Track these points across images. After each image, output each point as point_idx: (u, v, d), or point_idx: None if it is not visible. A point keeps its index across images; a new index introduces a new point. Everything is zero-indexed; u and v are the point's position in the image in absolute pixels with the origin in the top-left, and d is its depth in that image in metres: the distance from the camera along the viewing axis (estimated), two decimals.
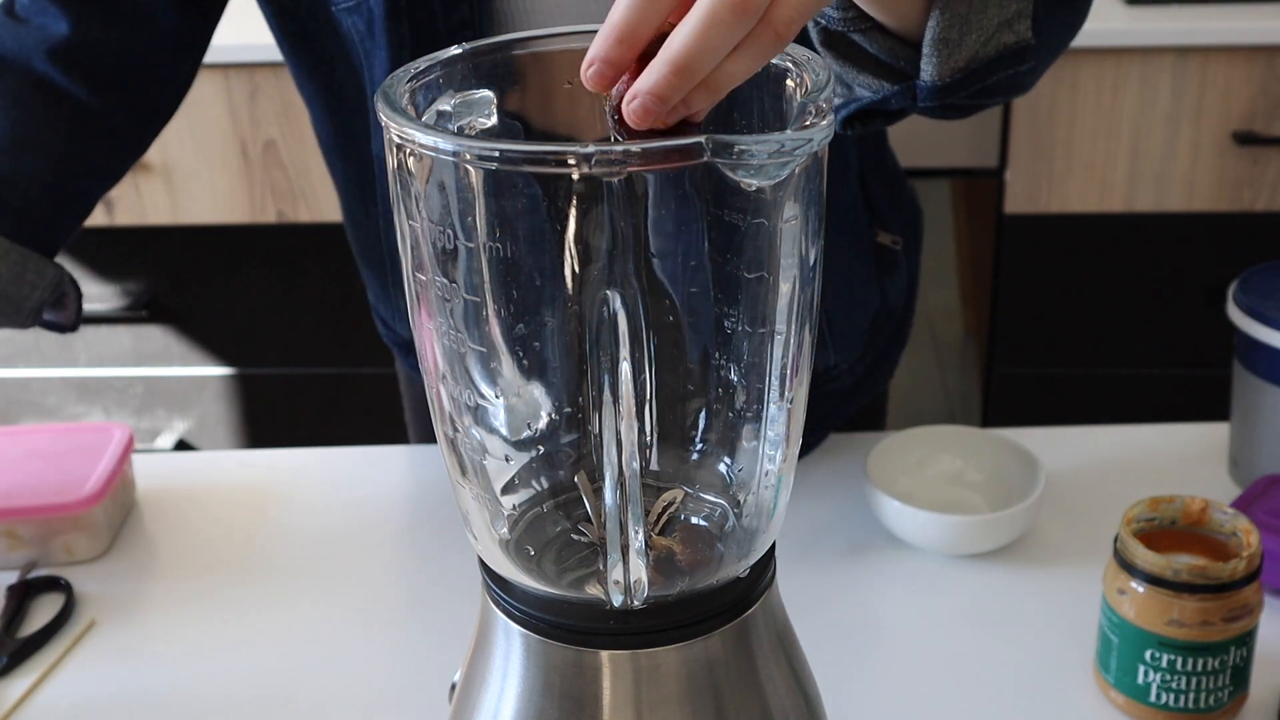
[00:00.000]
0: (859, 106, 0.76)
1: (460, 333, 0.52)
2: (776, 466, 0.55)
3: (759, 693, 0.55)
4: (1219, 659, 0.78)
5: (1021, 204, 1.98)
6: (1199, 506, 0.83)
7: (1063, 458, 1.06)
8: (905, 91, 0.73)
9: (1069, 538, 0.97)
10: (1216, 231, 1.98)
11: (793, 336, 0.52)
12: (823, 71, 0.50)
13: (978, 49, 0.70)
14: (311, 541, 1.02)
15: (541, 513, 0.58)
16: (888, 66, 0.73)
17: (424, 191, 0.49)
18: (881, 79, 0.73)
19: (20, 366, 2.25)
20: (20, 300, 0.93)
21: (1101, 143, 1.93)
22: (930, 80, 0.71)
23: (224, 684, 0.88)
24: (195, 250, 2.11)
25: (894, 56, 0.72)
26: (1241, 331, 0.99)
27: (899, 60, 0.72)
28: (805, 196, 0.49)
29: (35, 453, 1.05)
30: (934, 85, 0.71)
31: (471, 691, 0.57)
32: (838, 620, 0.91)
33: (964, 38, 0.70)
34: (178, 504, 1.07)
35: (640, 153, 0.45)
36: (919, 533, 0.95)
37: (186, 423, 2.28)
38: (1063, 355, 2.09)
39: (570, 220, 0.47)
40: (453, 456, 0.55)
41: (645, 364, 0.52)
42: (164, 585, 0.97)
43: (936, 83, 0.71)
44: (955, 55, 0.70)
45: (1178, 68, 1.88)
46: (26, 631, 0.92)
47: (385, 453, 1.14)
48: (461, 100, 0.55)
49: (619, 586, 0.52)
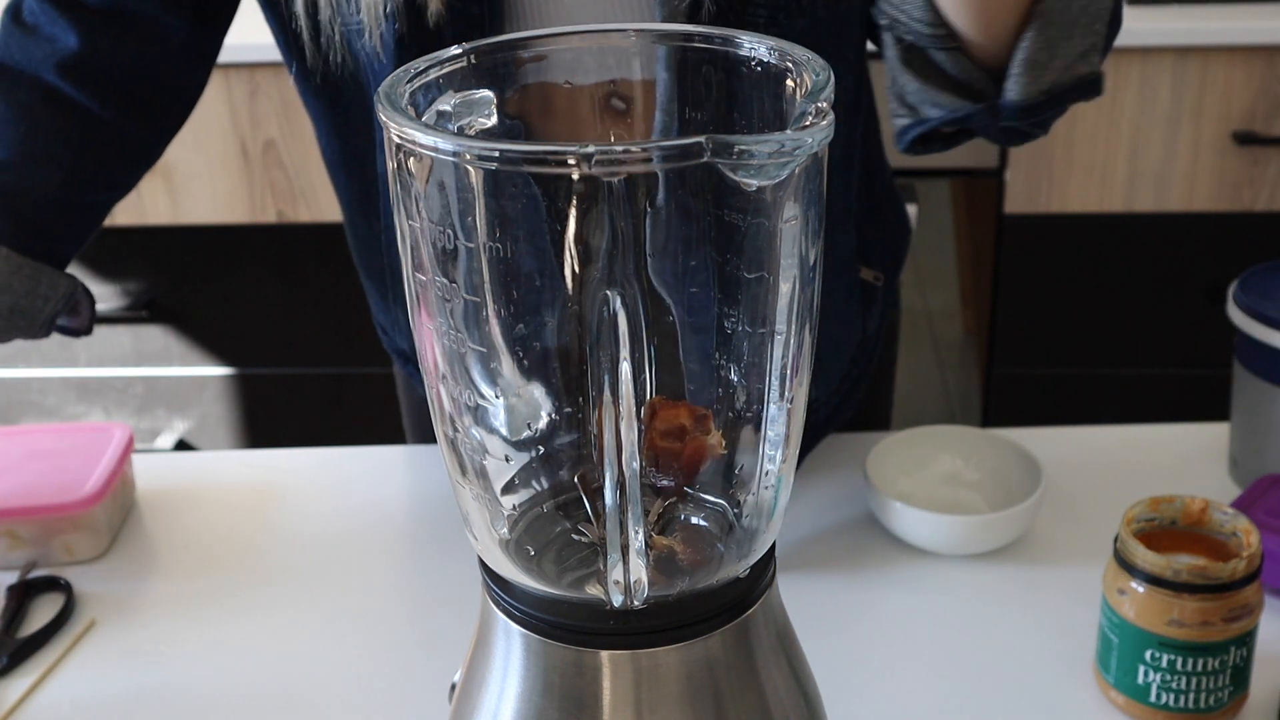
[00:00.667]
0: (931, 127, 0.78)
1: (460, 333, 0.52)
2: (776, 466, 0.55)
3: (759, 693, 0.55)
4: (1219, 659, 0.78)
5: (1021, 204, 1.98)
6: (1199, 506, 0.83)
7: (1063, 458, 1.06)
8: (989, 110, 0.75)
9: (1069, 538, 0.97)
10: (1216, 231, 1.98)
11: (793, 336, 0.52)
12: (823, 72, 0.50)
13: (1059, 75, 0.73)
14: (311, 541, 1.02)
15: (541, 513, 0.58)
16: (966, 87, 0.76)
17: (424, 191, 0.49)
18: (958, 98, 0.76)
19: (20, 366, 2.25)
20: (34, 313, 0.94)
21: (1101, 143, 1.93)
22: (1015, 100, 0.74)
23: (224, 684, 0.88)
24: (195, 250, 2.11)
25: (971, 78, 0.75)
26: (1241, 331, 0.99)
27: (976, 82, 0.75)
28: (805, 196, 0.49)
29: (35, 453, 1.05)
30: (1018, 105, 0.74)
31: (471, 691, 0.57)
32: (838, 620, 0.91)
33: (1051, 61, 0.73)
34: (178, 504, 1.07)
35: (640, 153, 0.45)
36: (919, 533, 0.95)
37: (186, 423, 2.28)
38: (1063, 355, 2.09)
39: (570, 220, 0.47)
40: (453, 456, 0.55)
41: (645, 364, 0.52)
42: (164, 585, 0.97)
43: (1022, 102, 0.74)
44: (1042, 78, 0.73)
45: (1178, 68, 1.88)
46: (26, 631, 0.92)
47: (385, 453, 1.14)
48: (461, 100, 0.55)
49: (619, 586, 0.52)
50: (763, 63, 0.54)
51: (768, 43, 0.54)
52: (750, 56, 0.54)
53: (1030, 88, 0.73)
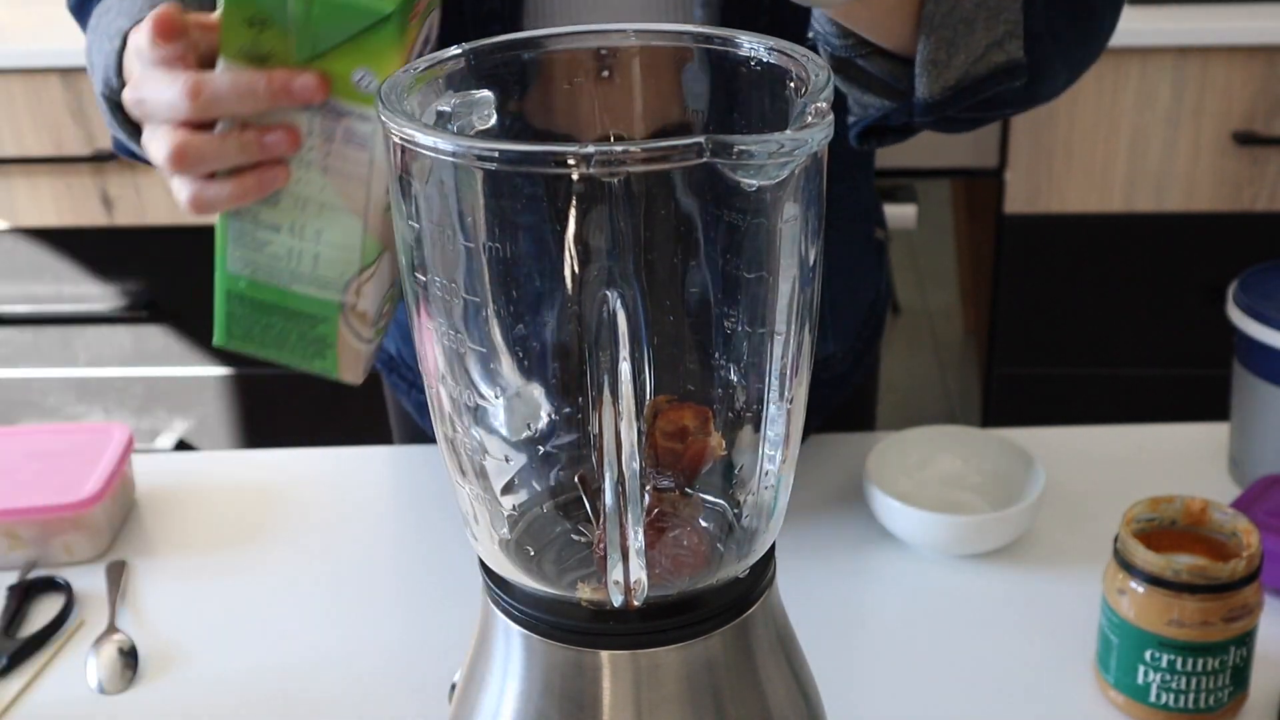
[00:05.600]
0: (868, 123, 0.83)
1: (460, 333, 0.52)
2: (776, 466, 0.55)
3: (759, 693, 0.55)
4: (1219, 659, 0.78)
5: (1021, 204, 1.98)
6: (1199, 506, 0.83)
7: (1063, 458, 1.06)
8: (903, 109, 0.80)
9: (1069, 538, 0.97)
10: (1216, 231, 1.98)
11: (792, 336, 0.52)
12: (822, 72, 0.50)
13: (967, 68, 0.77)
14: (311, 541, 1.02)
15: (541, 513, 0.58)
16: (891, 87, 0.80)
17: (424, 191, 0.49)
18: (885, 98, 0.80)
19: (20, 366, 2.25)
20: None
21: (1101, 143, 1.93)
22: (923, 97, 0.78)
23: (223, 684, 0.88)
24: (195, 250, 2.11)
25: (895, 78, 0.79)
26: (1241, 331, 0.99)
27: (900, 81, 0.79)
28: (805, 196, 0.49)
29: (35, 453, 1.05)
30: (926, 102, 0.78)
31: (471, 692, 0.57)
32: (838, 620, 0.91)
33: (952, 59, 0.76)
34: (178, 504, 1.07)
35: (640, 153, 0.45)
36: (919, 533, 0.95)
37: (186, 423, 2.28)
38: (1063, 355, 2.09)
39: (570, 220, 0.47)
40: (453, 456, 0.55)
41: (645, 364, 0.52)
42: (164, 585, 0.97)
43: (929, 99, 0.77)
44: (945, 74, 0.77)
45: (1178, 68, 1.88)
46: (26, 631, 0.92)
47: (385, 453, 1.14)
48: (461, 100, 0.55)
49: (619, 586, 0.52)
50: (763, 63, 0.54)
51: (768, 43, 0.54)
52: (750, 56, 0.54)
53: (934, 85, 0.77)
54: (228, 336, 0.78)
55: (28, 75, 2.00)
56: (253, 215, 0.74)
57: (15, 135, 2.05)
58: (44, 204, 2.09)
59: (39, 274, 2.16)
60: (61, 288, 2.17)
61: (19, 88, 2.01)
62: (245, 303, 0.76)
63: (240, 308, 0.76)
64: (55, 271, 2.15)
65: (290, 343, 0.77)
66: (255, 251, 0.75)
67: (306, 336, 0.76)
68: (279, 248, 0.74)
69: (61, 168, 2.06)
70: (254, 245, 0.75)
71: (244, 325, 0.77)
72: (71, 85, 2.01)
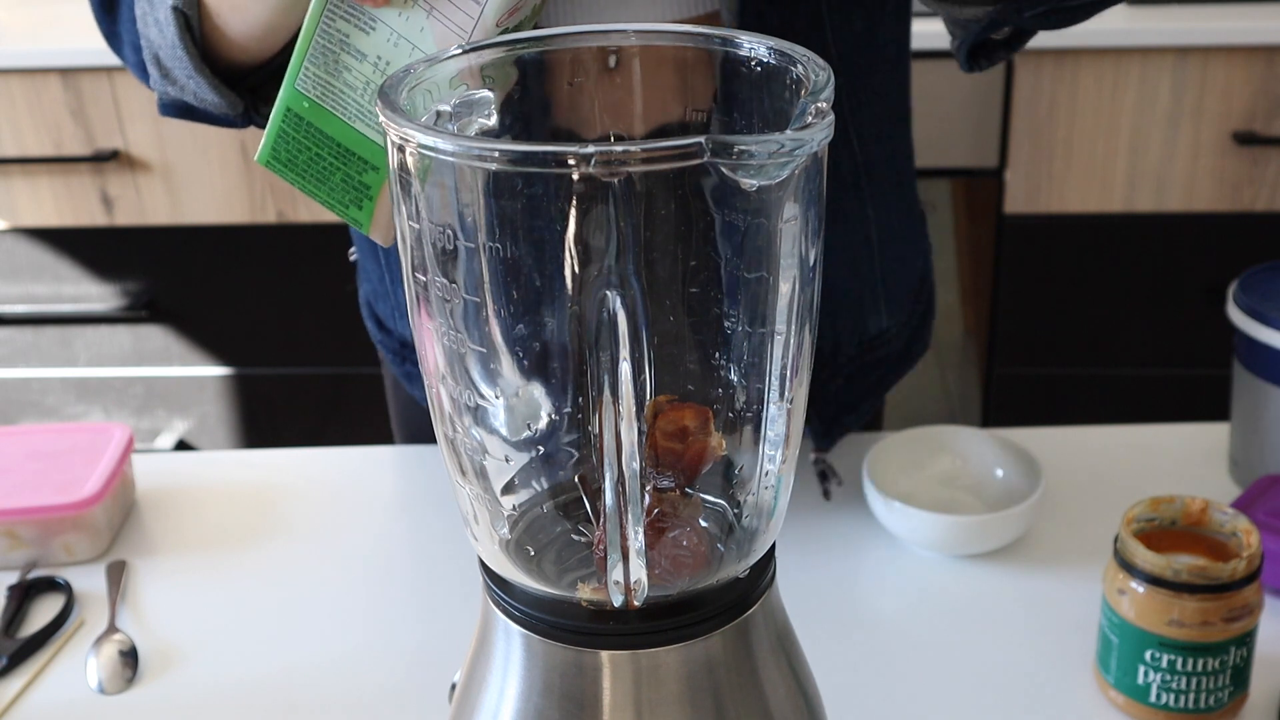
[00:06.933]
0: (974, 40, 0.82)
1: (460, 333, 0.52)
2: (776, 466, 0.55)
3: (759, 693, 0.55)
4: (1219, 659, 0.78)
5: (1021, 204, 1.98)
6: (1199, 506, 0.83)
7: (1063, 458, 1.06)
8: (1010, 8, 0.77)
9: (1069, 538, 0.97)
10: (1216, 231, 1.98)
11: (792, 337, 0.52)
12: (823, 71, 0.50)
13: None
14: (311, 541, 1.02)
15: (541, 513, 0.57)
16: None
17: (424, 192, 0.49)
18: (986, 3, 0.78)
19: (20, 366, 2.25)
20: None
21: (1101, 143, 1.93)
22: None
23: (223, 684, 0.88)
24: (195, 250, 2.11)
25: None
26: (1241, 331, 0.99)
27: None
28: (805, 196, 0.49)
29: (35, 453, 1.05)
30: None
31: (471, 692, 0.57)
32: (838, 620, 0.91)
33: None
34: (178, 504, 1.07)
35: (640, 153, 0.45)
36: (918, 533, 0.95)
37: (186, 423, 2.28)
38: (1063, 355, 2.09)
39: (570, 220, 0.47)
40: (453, 456, 0.55)
41: (645, 364, 0.52)
42: (164, 585, 0.97)
43: None
44: None
45: (1178, 68, 1.88)
46: (26, 631, 0.92)
47: (385, 453, 1.14)
48: (461, 100, 0.55)
49: (619, 587, 0.52)
50: (763, 63, 0.54)
51: (768, 43, 0.54)
52: (750, 56, 0.54)
53: None
54: (272, 156, 0.73)
55: (28, 75, 2.01)
56: (341, 37, 0.71)
57: (15, 135, 2.05)
58: (44, 204, 2.09)
59: (39, 274, 2.16)
60: (61, 288, 2.17)
61: (19, 88, 2.02)
62: (302, 125, 0.72)
63: (295, 129, 0.73)
64: (55, 271, 2.15)
65: (333, 181, 0.73)
66: (331, 75, 0.72)
67: (351, 180, 0.73)
68: (355, 78, 0.71)
69: (61, 168, 2.06)
70: (332, 68, 0.71)
71: (292, 148, 0.73)
72: (71, 85, 2.01)
